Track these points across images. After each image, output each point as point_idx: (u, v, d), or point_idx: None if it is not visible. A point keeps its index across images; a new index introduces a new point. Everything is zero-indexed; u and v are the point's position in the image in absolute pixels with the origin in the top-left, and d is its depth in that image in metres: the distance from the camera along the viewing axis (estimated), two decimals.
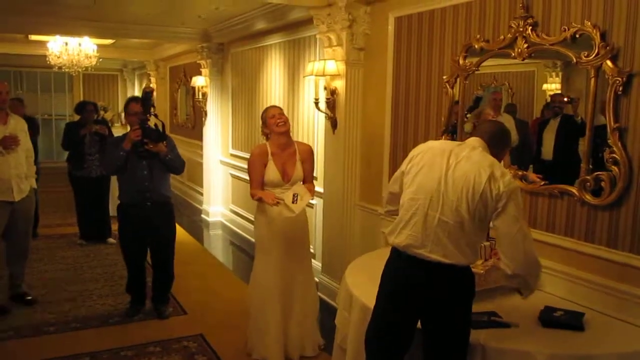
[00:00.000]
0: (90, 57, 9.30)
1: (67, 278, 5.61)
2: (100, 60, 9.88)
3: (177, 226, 7.86)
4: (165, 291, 4.76)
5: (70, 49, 9.10)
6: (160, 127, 4.43)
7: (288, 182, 3.87)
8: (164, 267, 4.71)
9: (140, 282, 4.76)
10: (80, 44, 9.11)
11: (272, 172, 3.85)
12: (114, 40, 9.94)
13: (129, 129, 4.54)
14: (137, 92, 13.58)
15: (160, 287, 4.74)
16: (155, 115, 4.54)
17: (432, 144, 2.56)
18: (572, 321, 2.60)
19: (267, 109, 4.00)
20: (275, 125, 3.85)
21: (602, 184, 2.79)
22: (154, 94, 4.74)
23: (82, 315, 4.66)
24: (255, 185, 3.89)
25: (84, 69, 9.56)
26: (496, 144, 2.50)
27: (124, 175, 4.47)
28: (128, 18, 7.36)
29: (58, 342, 4.16)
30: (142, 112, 4.35)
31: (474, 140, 2.49)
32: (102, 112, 10.58)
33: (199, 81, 8.35)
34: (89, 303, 4.94)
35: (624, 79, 2.67)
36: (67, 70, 9.51)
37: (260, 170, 3.84)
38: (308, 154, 4.01)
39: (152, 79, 12.01)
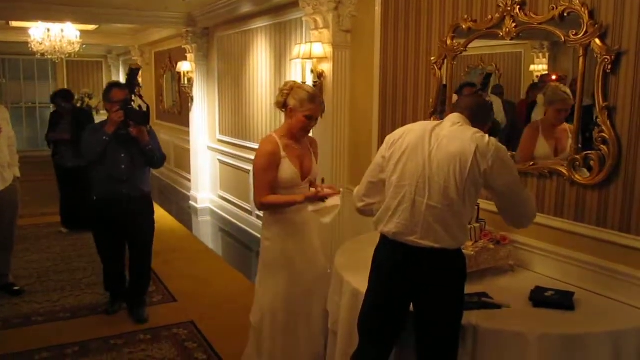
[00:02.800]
0: (73, 44, 9.17)
1: (55, 267, 5.56)
2: (84, 46, 9.74)
3: (166, 213, 7.88)
4: (142, 294, 4.46)
5: (53, 35, 8.95)
6: (144, 110, 4.11)
7: (304, 180, 3.12)
8: (141, 268, 4.41)
9: (120, 277, 4.50)
10: (62, 30, 8.96)
11: (288, 169, 3.02)
12: (97, 26, 9.80)
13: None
14: (122, 79, 13.42)
15: (137, 290, 4.43)
16: (140, 96, 4.25)
17: (411, 126, 2.47)
18: (562, 301, 2.60)
19: (313, 96, 3.04)
20: (307, 126, 3.08)
21: (592, 163, 2.79)
22: (140, 72, 4.41)
23: (71, 305, 4.62)
24: (266, 190, 3.01)
25: (67, 55, 9.44)
26: (478, 118, 2.44)
27: (100, 167, 4.08)
28: (111, 3, 7.24)
29: (47, 332, 4.13)
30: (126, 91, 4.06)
31: (454, 117, 2.42)
32: (86, 100, 10.45)
33: (184, 66, 8.25)
34: (77, 292, 4.90)
35: (613, 57, 2.65)
36: (50, 57, 9.38)
37: (273, 172, 3.00)
38: (316, 145, 3.31)
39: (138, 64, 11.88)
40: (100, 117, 12.01)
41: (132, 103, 4.06)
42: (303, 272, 3.16)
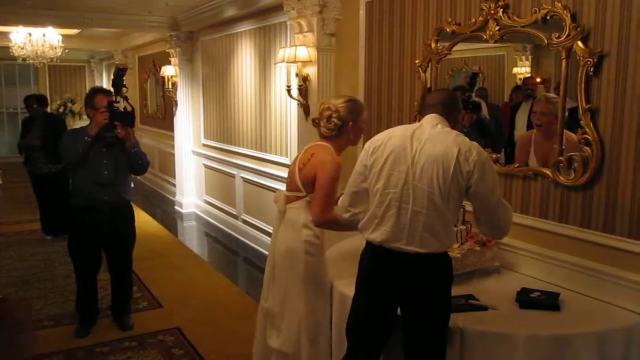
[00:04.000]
0: (55, 48, 9.09)
1: (38, 275, 5.49)
2: (66, 51, 9.65)
3: (151, 218, 7.82)
4: (127, 301, 4.35)
5: (34, 39, 8.88)
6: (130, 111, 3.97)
7: None
8: (124, 276, 4.28)
9: (92, 298, 4.23)
10: (44, 35, 8.90)
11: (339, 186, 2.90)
12: (79, 30, 9.70)
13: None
14: (106, 84, 13.32)
15: (121, 297, 4.31)
16: (126, 98, 3.99)
17: (390, 132, 2.45)
18: (548, 302, 2.62)
19: (364, 108, 3.01)
20: (361, 134, 3.01)
21: (575, 164, 2.81)
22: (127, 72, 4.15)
23: (55, 313, 4.56)
24: (332, 205, 2.78)
25: (49, 60, 9.34)
26: (450, 110, 2.46)
27: (81, 172, 3.92)
28: (93, 7, 7.17)
29: None
30: (111, 92, 3.89)
31: (430, 118, 2.42)
32: (69, 105, 10.36)
33: (168, 70, 8.21)
34: (61, 300, 4.84)
35: (595, 59, 2.67)
36: (31, 62, 9.28)
37: (337, 186, 2.84)
38: None
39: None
40: (83, 122, 11.91)
41: (117, 105, 3.92)
42: (327, 288, 2.96)
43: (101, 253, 4.17)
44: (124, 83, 3.96)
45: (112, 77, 3.86)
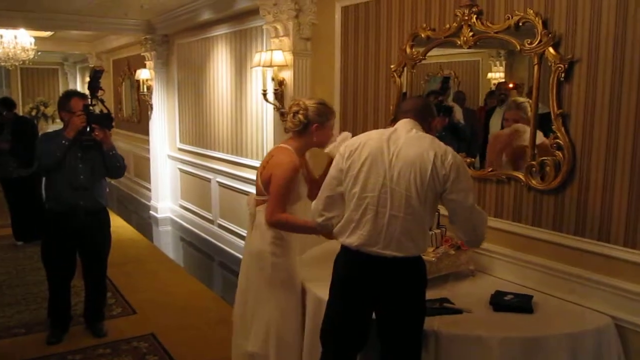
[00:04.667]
0: (28, 50, 8.93)
1: (9, 281, 5.36)
2: (39, 53, 9.48)
3: (126, 223, 7.73)
4: (100, 308, 4.25)
5: (6, 41, 8.70)
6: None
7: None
8: (98, 282, 4.18)
9: (65, 304, 4.13)
10: (16, 37, 8.72)
11: (303, 184, 2.96)
12: (52, 33, 9.56)
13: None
14: (80, 87, 13.14)
15: (95, 303, 4.20)
16: (102, 101, 3.92)
17: (367, 136, 2.44)
18: (522, 304, 2.65)
19: (333, 114, 3.04)
20: (329, 140, 2.99)
21: (547, 169, 2.85)
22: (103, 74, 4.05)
23: (26, 320, 4.46)
24: (284, 206, 2.84)
25: (21, 62, 9.17)
26: (424, 116, 2.48)
27: (56, 177, 3.83)
28: (66, 9, 7.06)
29: (1, 348, 3.98)
30: (86, 95, 3.78)
31: (405, 123, 2.43)
32: (41, 108, 10.19)
33: (143, 74, 8.12)
34: (33, 306, 4.74)
35: (566, 65, 2.72)
36: (3, 64, 9.11)
37: (294, 186, 2.87)
38: None
39: None
40: (56, 125, 11.69)
41: (93, 107, 3.83)
42: (298, 288, 2.99)
43: (75, 259, 4.08)
44: (100, 85, 3.89)
45: (88, 79, 3.75)
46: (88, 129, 3.76)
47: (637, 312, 2.54)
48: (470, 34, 3.18)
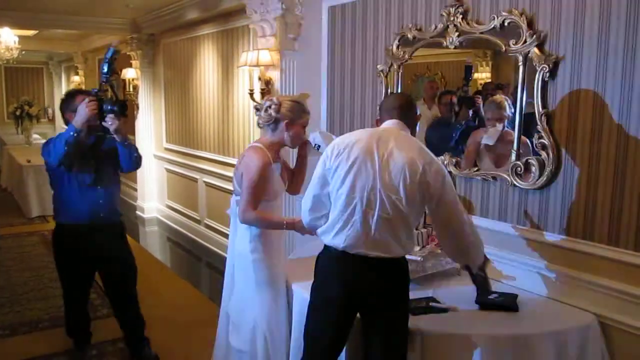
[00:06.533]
0: (12, 49, 8.81)
1: None
2: (23, 52, 9.37)
3: None
4: (141, 331, 3.82)
5: None
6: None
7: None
8: (130, 305, 3.75)
9: (85, 321, 3.81)
10: None
11: (277, 181, 2.94)
12: (36, 31, 9.46)
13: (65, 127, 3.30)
14: (65, 86, 13.02)
15: (133, 328, 3.80)
16: (112, 87, 3.37)
17: (356, 136, 2.42)
18: (507, 303, 2.66)
19: (307, 114, 2.97)
20: (300, 139, 3.00)
21: (532, 168, 2.87)
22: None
23: (10, 322, 4.42)
24: (257, 203, 2.83)
25: (4, 61, 9.07)
26: (408, 115, 2.48)
27: (64, 185, 3.39)
28: (51, 8, 6.99)
29: None
30: (91, 92, 3.27)
31: (392, 124, 2.44)
32: (26, 107, 10.07)
33: (129, 73, 8.08)
34: (17, 308, 4.70)
35: (551, 65, 2.74)
36: None
37: (266, 183, 2.85)
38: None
39: (80, 72, 11.54)
40: (41, 125, 11.59)
41: (104, 93, 3.30)
42: (282, 286, 3.01)
43: (93, 276, 3.71)
44: (116, 68, 3.42)
45: (107, 59, 3.24)
46: (99, 118, 3.22)
47: (620, 309, 2.56)
48: (456, 34, 3.19)
